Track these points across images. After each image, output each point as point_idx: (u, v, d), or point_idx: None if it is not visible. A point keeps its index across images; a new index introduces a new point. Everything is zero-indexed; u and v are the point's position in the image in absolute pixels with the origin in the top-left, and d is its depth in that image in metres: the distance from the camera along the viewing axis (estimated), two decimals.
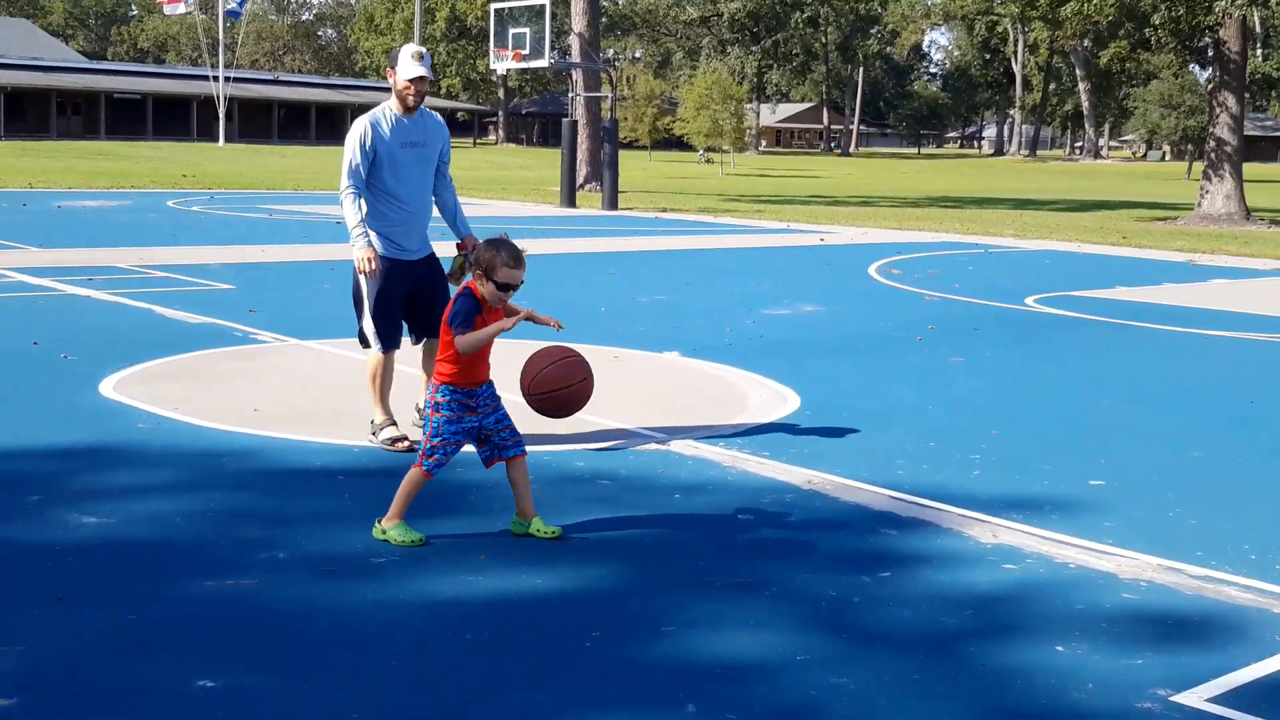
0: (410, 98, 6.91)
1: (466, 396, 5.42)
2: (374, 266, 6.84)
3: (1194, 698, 4.08)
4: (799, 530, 5.80)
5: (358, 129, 6.95)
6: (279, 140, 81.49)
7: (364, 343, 7.18)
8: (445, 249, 7.00)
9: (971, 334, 12.02)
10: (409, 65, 6.83)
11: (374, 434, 7.04)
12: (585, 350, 10.41)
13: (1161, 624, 4.73)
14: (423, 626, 4.53)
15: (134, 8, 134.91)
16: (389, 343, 7.11)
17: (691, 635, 4.53)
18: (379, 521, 5.43)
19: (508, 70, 32.32)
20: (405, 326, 7.28)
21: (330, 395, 8.41)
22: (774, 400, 8.62)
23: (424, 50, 6.97)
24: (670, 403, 8.58)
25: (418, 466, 5.40)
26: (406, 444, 6.90)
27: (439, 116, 7.46)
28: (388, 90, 7.14)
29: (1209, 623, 4.77)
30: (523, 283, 5.41)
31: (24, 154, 54.42)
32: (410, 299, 7.18)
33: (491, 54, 31.45)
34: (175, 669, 4.10)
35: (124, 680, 4.02)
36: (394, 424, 7.05)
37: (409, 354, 7.42)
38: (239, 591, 4.82)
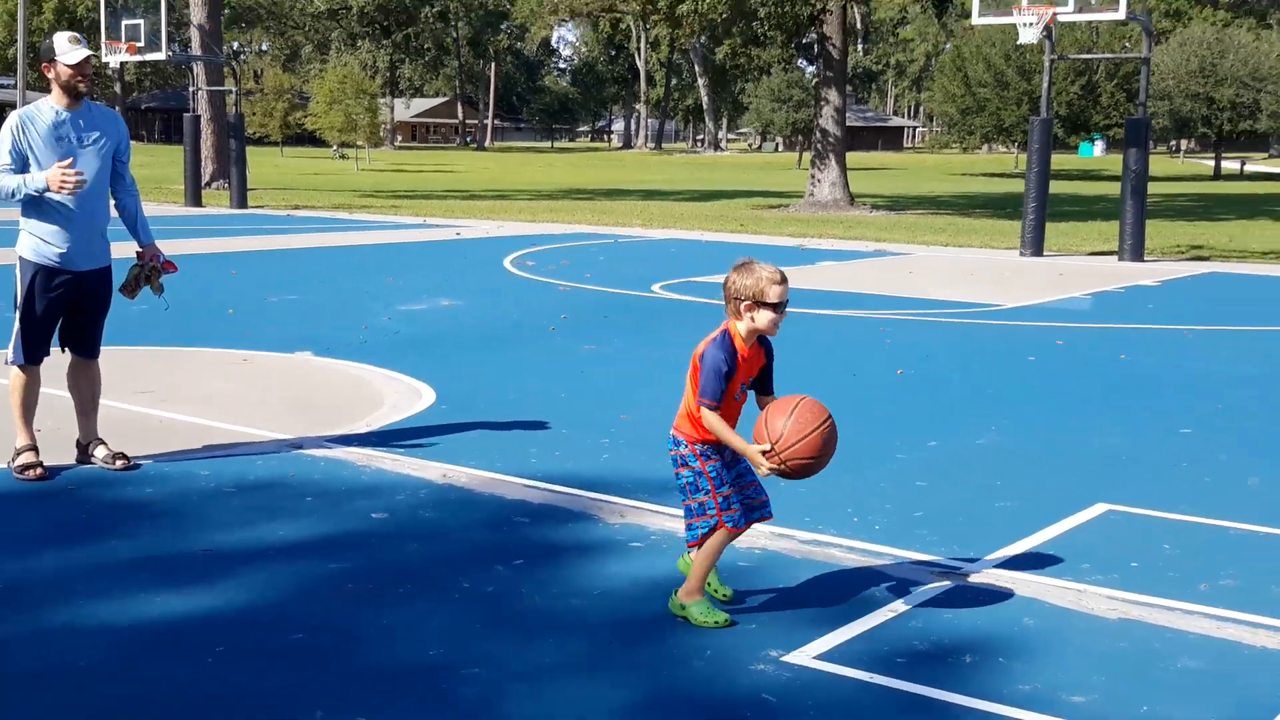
0: (80, 84, 6.23)
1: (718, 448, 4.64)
2: (74, 177, 6.04)
3: (803, 656, 4.31)
4: (433, 526, 5.77)
5: (8, 126, 6.22)
6: None
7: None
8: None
9: (602, 321, 12.29)
10: (70, 50, 6.19)
11: (12, 460, 6.42)
12: (212, 355, 10.06)
13: (774, 588, 4.97)
14: (36, 658, 4.23)
15: None
16: (33, 355, 6.40)
17: (321, 640, 4.43)
18: (676, 594, 4.69)
19: (122, 64, 30.51)
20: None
21: None
22: (410, 396, 8.54)
23: (78, 35, 6.39)
24: (303, 404, 8.35)
25: (720, 528, 4.56)
26: (38, 472, 6.32)
27: (113, 110, 6.80)
28: None
29: (817, 584, 5.06)
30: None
31: None
32: (71, 313, 6.46)
33: (104, 46, 29.60)
34: None
35: None
36: (33, 449, 6.39)
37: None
38: None
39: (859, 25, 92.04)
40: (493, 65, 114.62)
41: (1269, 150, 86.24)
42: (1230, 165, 68.76)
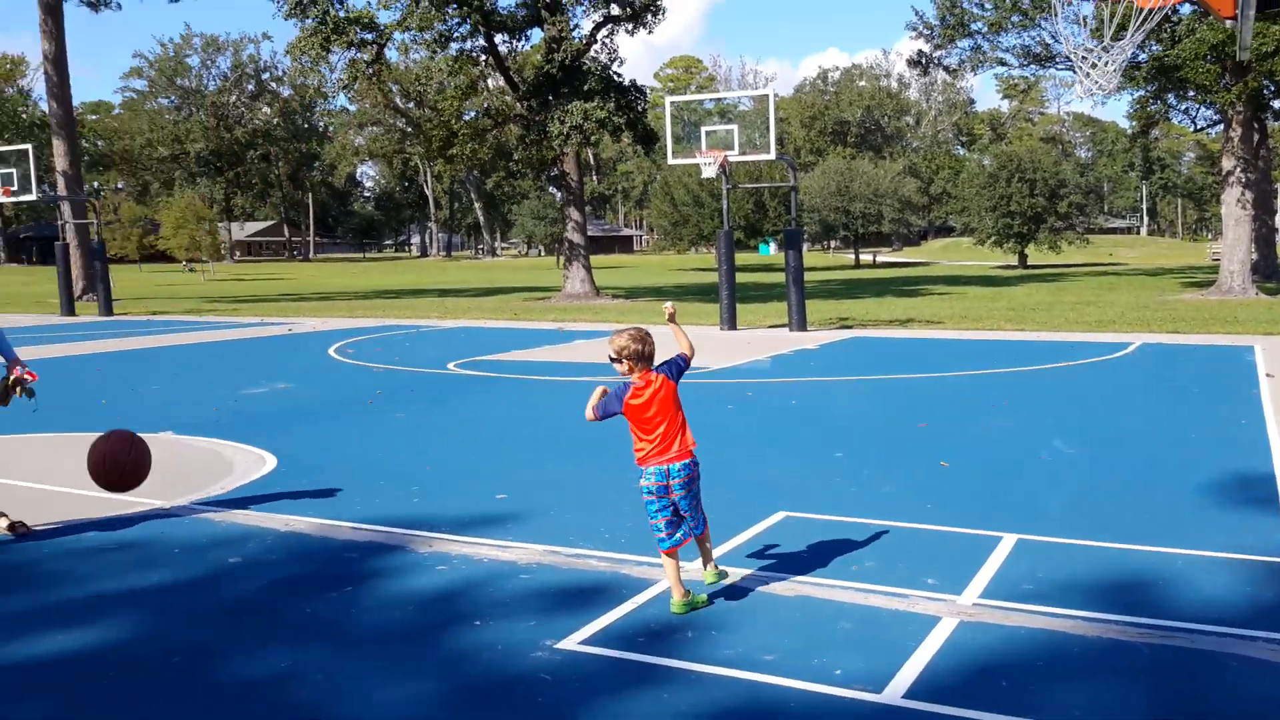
0: None
1: (660, 477, 4.74)
2: None
3: (571, 643, 4.43)
4: (279, 565, 5.64)
5: None
6: None
7: None
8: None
9: (409, 394, 12.16)
10: None
11: None
12: (90, 437, 9.46)
13: (547, 594, 5.07)
14: None
15: None
16: None
17: (187, 659, 4.29)
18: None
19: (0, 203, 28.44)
20: None
21: None
22: (255, 463, 8.28)
23: None
24: (168, 474, 7.98)
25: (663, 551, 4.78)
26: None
27: None
28: None
29: (579, 588, 5.18)
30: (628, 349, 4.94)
31: None
32: None
33: None
34: None
35: None
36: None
37: None
38: None
39: (591, 162, 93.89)
40: (310, 195, 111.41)
41: (891, 246, 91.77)
42: (865, 257, 72.97)
